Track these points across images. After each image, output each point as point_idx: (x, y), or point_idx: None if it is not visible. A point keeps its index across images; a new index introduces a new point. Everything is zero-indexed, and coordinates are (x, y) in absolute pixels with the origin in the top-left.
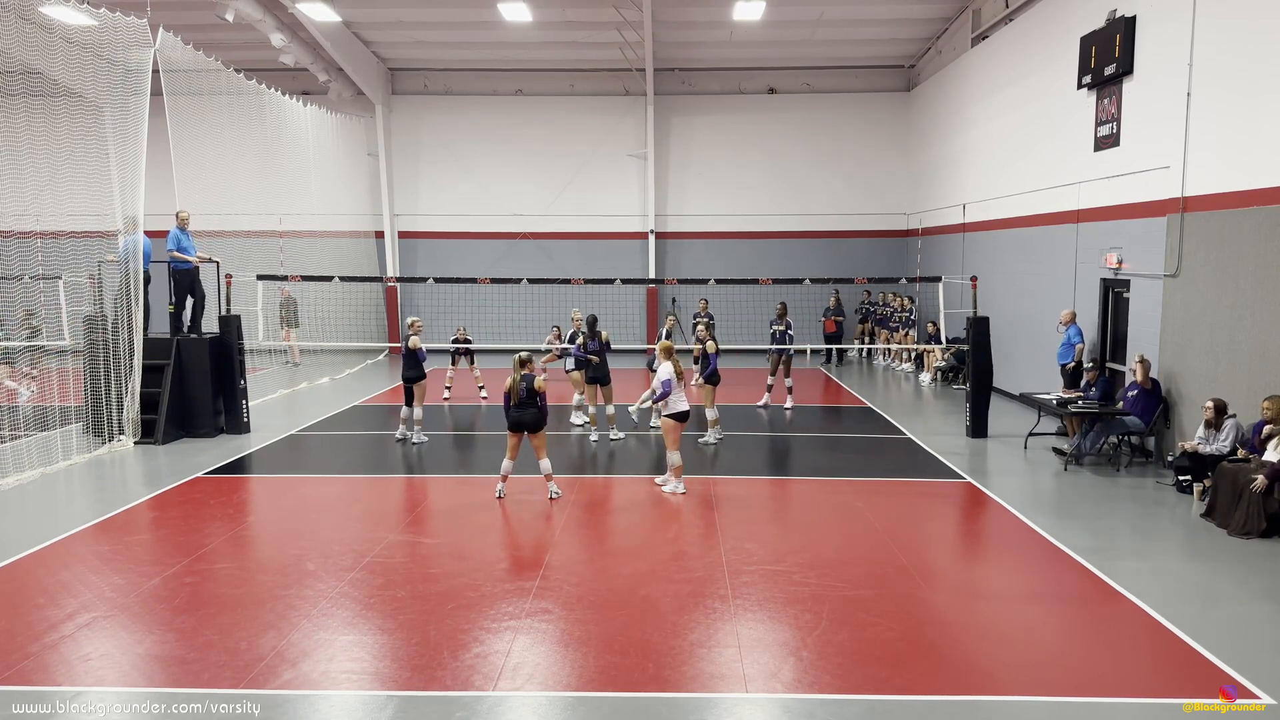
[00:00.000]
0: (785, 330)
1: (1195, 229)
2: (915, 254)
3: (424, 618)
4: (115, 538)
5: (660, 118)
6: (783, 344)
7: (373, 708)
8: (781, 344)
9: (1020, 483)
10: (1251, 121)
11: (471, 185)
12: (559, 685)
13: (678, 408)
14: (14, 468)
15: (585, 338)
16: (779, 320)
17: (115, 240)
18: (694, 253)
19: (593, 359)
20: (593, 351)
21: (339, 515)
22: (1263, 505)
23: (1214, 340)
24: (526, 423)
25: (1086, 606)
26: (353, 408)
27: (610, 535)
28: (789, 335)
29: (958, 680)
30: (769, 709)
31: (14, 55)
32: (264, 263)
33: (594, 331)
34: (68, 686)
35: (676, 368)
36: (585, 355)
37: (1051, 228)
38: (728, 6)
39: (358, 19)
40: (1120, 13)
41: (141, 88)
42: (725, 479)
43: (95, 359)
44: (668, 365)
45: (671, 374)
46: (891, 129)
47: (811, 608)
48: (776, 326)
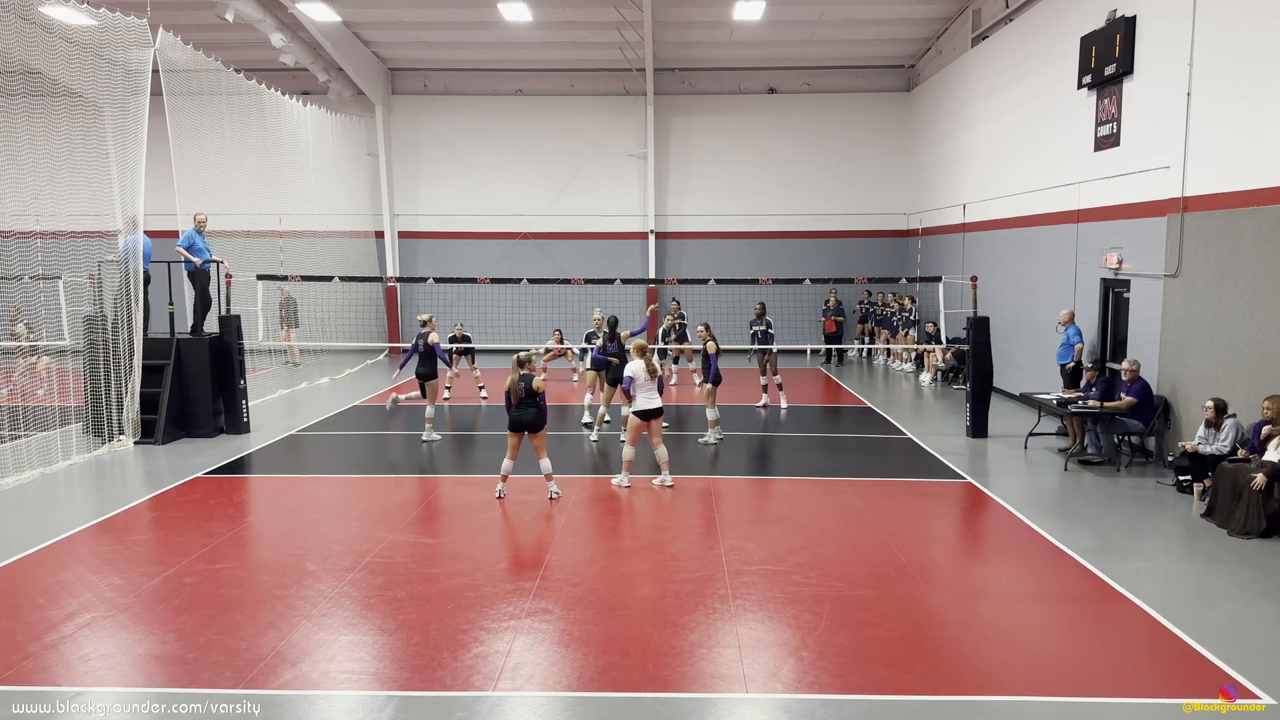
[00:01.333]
0: (766, 330)
1: (1195, 229)
2: (915, 254)
3: (424, 618)
4: (115, 538)
5: (660, 118)
6: (765, 344)
7: (373, 708)
8: (764, 344)
9: (1020, 483)
10: (1251, 121)
11: (471, 185)
12: (559, 685)
13: (641, 405)
14: (14, 468)
15: (605, 339)
16: (759, 320)
17: (115, 240)
18: (694, 253)
19: (612, 360)
20: (612, 353)
21: (339, 515)
22: (1263, 505)
23: (1214, 340)
24: (526, 423)
25: (1086, 606)
26: (353, 408)
27: (610, 535)
28: (770, 335)
29: (958, 680)
30: (769, 709)
31: (14, 55)
32: (264, 263)
33: (614, 334)
34: (68, 686)
35: (649, 366)
36: (605, 356)
37: (1051, 228)
38: (728, 6)
39: (358, 19)
40: (1120, 13)
41: (141, 88)
42: (725, 479)
43: (95, 359)
44: (636, 363)
45: (637, 371)
46: (891, 129)
47: (811, 608)
48: (757, 327)
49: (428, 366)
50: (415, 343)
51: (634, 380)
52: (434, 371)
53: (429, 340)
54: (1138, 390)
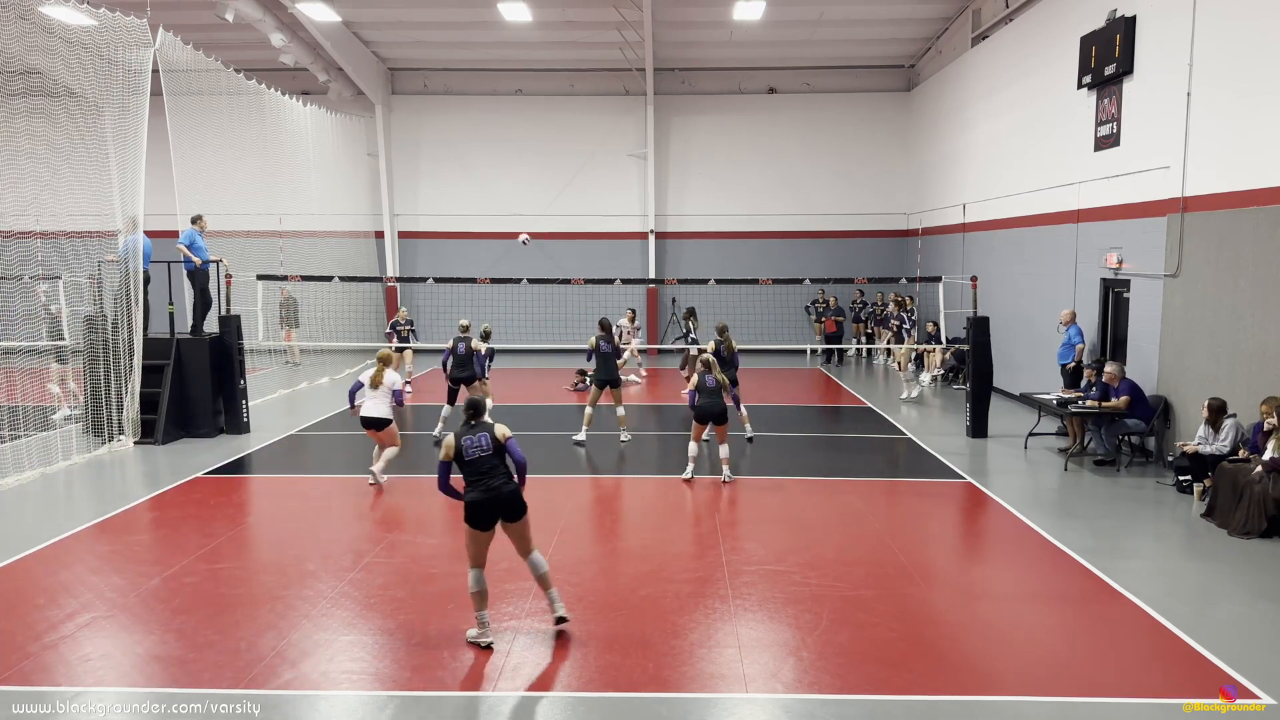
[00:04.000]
0: (690, 333)
1: (1195, 229)
2: (915, 254)
3: (424, 618)
4: (115, 538)
5: (660, 118)
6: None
7: (373, 708)
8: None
9: (1020, 483)
10: (1251, 121)
11: (471, 185)
12: (559, 685)
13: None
14: (14, 468)
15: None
16: (685, 322)
17: (115, 240)
18: (694, 253)
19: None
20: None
21: (339, 515)
22: (1263, 505)
23: (1214, 340)
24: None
25: (1086, 606)
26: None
27: (610, 535)
28: (693, 338)
29: (958, 680)
30: (769, 709)
31: (14, 55)
32: (264, 263)
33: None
34: (68, 686)
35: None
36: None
37: (1052, 228)
38: (728, 6)
39: (358, 19)
40: (1120, 12)
41: (141, 88)
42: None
43: (95, 359)
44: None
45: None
46: (891, 129)
47: (811, 608)
48: (684, 328)
49: (466, 371)
50: (454, 345)
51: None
52: (473, 375)
53: (469, 346)
54: (1126, 389)
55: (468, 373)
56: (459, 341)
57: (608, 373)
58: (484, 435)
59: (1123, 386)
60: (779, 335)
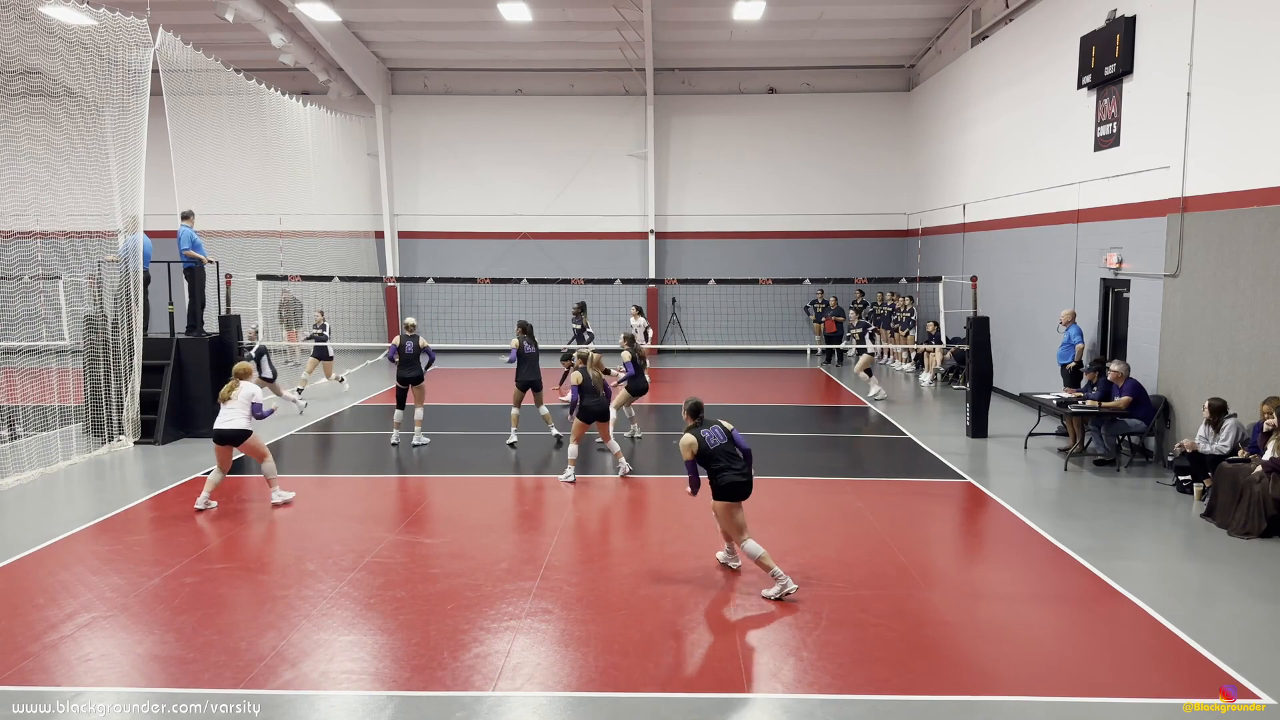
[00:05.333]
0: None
1: (1195, 229)
2: (915, 254)
3: (424, 618)
4: (115, 538)
5: (660, 118)
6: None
7: (373, 708)
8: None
9: (1020, 483)
10: (1251, 121)
11: (471, 185)
12: (559, 685)
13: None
14: (14, 468)
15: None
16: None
17: (115, 240)
18: (694, 253)
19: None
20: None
21: (339, 515)
22: (1263, 505)
23: (1214, 340)
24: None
25: (1086, 606)
26: (353, 408)
27: (610, 535)
28: (588, 334)
29: (958, 680)
30: (769, 709)
31: (14, 55)
32: (264, 263)
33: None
34: (68, 686)
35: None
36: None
37: (1051, 228)
38: (728, 6)
39: (357, 19)
40: (1120, 12)
41: (141, 88)
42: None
43: (95, 359)
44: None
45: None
46: (891, 129)
47: (811, 608)
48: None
49: (414, 371)
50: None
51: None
52: (420, 377)
53: (420, 344)
54: (1130, 389)
55: (415, 372)
56: (406, 340)
57: (532, 373)
58: (717, 428)
59: (1126, 386)
60: (779, 335)
